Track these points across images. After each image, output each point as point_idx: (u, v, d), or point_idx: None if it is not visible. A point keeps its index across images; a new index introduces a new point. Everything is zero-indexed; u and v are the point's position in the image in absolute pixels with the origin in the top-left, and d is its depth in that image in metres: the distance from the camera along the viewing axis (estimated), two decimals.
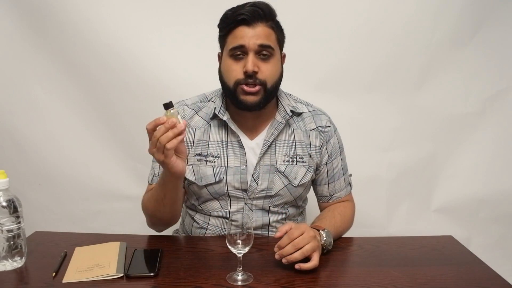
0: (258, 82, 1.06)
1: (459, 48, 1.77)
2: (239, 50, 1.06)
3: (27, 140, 1.82)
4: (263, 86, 1.07)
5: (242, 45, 1.05)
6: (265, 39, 1.06)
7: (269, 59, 1.08)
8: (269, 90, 1.09)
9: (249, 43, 1.05)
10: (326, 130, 1.21)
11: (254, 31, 1.05)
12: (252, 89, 1.06)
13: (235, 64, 1.07)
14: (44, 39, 1.72)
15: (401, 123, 1.83)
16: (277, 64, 1.10)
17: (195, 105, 1.20)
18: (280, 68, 1.13)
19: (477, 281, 0.94)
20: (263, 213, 1.20)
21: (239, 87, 1.07)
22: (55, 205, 1.88)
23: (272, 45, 1.07)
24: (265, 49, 1.06)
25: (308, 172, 1.19)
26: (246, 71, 1.05)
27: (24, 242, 0.98)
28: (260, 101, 1.08)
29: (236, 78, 1.07)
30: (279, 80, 1.12)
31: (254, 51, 1.05)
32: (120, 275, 0.92)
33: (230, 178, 1.15)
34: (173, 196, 1.08)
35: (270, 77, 1.08)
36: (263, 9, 1.06)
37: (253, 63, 1.05)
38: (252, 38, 1.05)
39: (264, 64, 1.07)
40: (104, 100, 1.78)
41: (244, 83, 1.06)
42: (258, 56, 1.07)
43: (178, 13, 1.71)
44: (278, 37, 1.11)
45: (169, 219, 1.15)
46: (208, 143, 1.16)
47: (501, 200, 1.87)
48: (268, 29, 1.07)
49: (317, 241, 0.97)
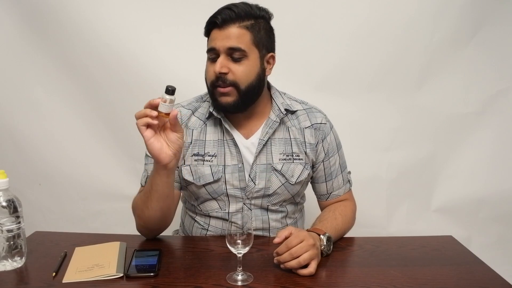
0: (229, 83, 1.08)
1: (459, 48, 1.77)
2: (213, 52, 1.09)
3: (27, 140, 1.82)
4: (235, 87, 1.08)
5: (213, 47, 1.08)
6: (235, 41, 1.06)
7: (241, 60, 1.08)
8: (243, 91, 1.09)
9: (219, 46, 1.07)
10: (322, 128, 1.21)
11: (224, 33, 1.06)
12: (223, 90, 1.08)
13: (210, 66, 1.10)
14: (44, 39, 1.73)
15: (401, 123, 1.83)
16: (251, 65, 1.09)
17: (191, 105, 1.21)
18: (257, 69, 1.11)
19: (477, 281, 0.94)
20: (262, 212, 1.20)
21: (215, 89, 1.10)
22: (55, 205, 1.88)
23: (243, 47, 1.07)
24: (235, 51, 1.07)
25: (305, 169, 1.19)
26: (214, 72, 1.08)
27: (24, 242, 0.98)
28: (235, 102, 1.09)
29: (210, 79, 1.11)
30: (256, 80, 1.10)
31: (224, 53, 1.07)
32: (120, 275, 0.92)
33: (228, 176, 1.15)
34: (161, 190, 1.03)
35: (242, 78, 1.08)
36: (236, 10, 1.06)
37: (221, 65, 1.07)
38: (222, 41, 1.06)
39: (235, 65, 1.08)
40: (104, 100, 1.78)
41: (216, 84, 1.09)
42: (230, 57, 1.08)
43: (178, 13, 1.71)
44: (256, 37, 1.09)
45: (158, 220, 1.09)
46: (204, 143, 1.16)
47: (501, 200, 1.87)
48: (240, 30, 1.07)
49: (316, 248, 0.96)
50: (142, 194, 1.10)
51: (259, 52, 1.11)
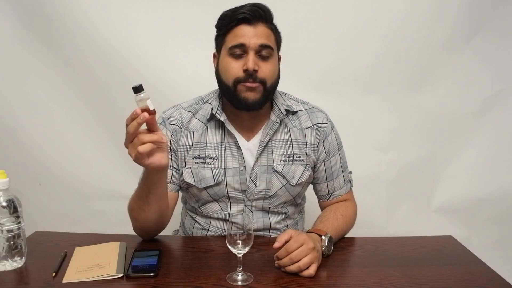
0: (258, 80, 1.07)
1: (459, 49, 1.77)
2: (239, 48, 1.06)
3: (27, 140, 1.82)
4: (263, 85, 1.08)
5: (243, 43, 1.05)
6: (265, 39, 1.07)
7: (268, 59, 1.08)
8: (268, 90, 1.09)
9: (250, 42, 1.05)
10: (323, 128, 1.21)
11: (255, 30, 1.06)
12: (253, 84, 1.06)
13: (235, 62, 1.07)
14: (45, 39, 1.73)
15: (401, 123, 1.83)
16: (275, 64, 1.11)
17: (191, 107, 1.20)
18: (278, 69, 1.13)
19: (477, 281, 0.94)
20: (263, 214, 1.20)
21: (239, 85, 1.07)
22: (55, 205, 1.88)
23: (272, 46, 1.08)
24: (265, 49, 1.06)
25: (306, 170, 1.19)
26: (247, 69, 1.05)
27: (24, 242, 0.98)
28: (260, 99, 1.08)
29: (235, 76, 1.07)
30: (277, 80, 1.13)
31: (254, 50, 1.06)
32: (120, 275, 0.92)
33: (229, 180, 1.15)
34: (158, 193, 1.01)
35: (269, 76, 1.08)
36: (263, 9, 1.07)
37: (254, 62, 1.05)
38: (253, 38, 1.05)
39: (264, 63, 1.07)
40: (105, 100, 1.78)
41: (244, 81, 1.06)
42: (258, 55, 1.07)
43: (181, 14, 1.71)
44: (277, 39, 1.12)
45: (155, 222, 1.07)
46: (205, 145, 1.16)
47: (501, 200, 1.87)
48: (268, 29, 1.09)
49: (316, 251, 0.95)
50: (136, 199, 1.05)
51: (278, 53, 1.14)
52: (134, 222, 1.10)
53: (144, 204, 1.03)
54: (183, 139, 1.16)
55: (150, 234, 1.13)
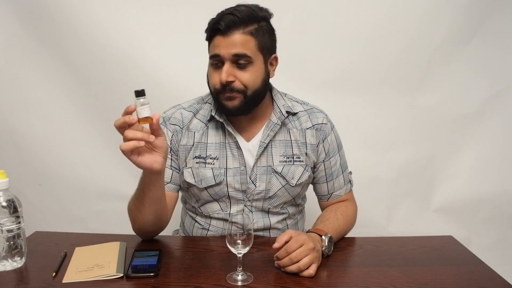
0: (236, 90, 1.06)
1: (459, 48, 1.76)
2: (216, 59, 1.06)
3: (27, 140, 1.82)
4: (242, 93, 1.07)
5: (218, 54, 1.05)
6: (240, 48, 1.04)
7: (247, 67, 1.06)
8: (250, 97, 1.08)
9: (224, 53, 1.04)
10: (323, 128, 1.21)
11: (228, 40, 1.04)
12: (230, 94, 1.07)
13: (214, 73, 1.08)
14: (44, 40, 1.73)
15: (401, 123, 1.83)
16: (257, 70, 1.08)
17: (192, 107, 1.20)
18: (263, 74, 1.10)
19: (477, 281, 0.94)
20: (263, 214, 1.20)
21: (219, 95, 1.08)
22: (55, 205, 1.88)
23: (249, 53, 1.05)
24: (241, 58, 1.05)
25: (305, 171, 1.19)
26: (220, 81, 1.05)
27: (24, 242, 0.98)
28: (241, 106, 1.08)
29: (214, 87, 1.09)
30: (262, 85, 1.10)
31: (229, 60, 1.05)
32: (120, 275, 0.92)
33: (230, 180, 1.15)
34: (152, 196, 1.00)
35: (249, 85, 1.07)
36: (240, 16, 1.04)
37: (227, 73, 1.04)
38: (227, 48, 1.04)
39: (241, 72, 1.06)
40: (104, 100, 1.78)
41: (222, 92, 1.07)
42: (235, 64, 1.06)
43: (177, 15, 1.70)
44: (260, 42, 1.07)
45: (152, 224, 1.07)
46: (206, 145, 1.16)
47: (501, 200, 1.87)
48: (245, 36, 1.05)
49: (316, 251, 0.95)
50: (134, 199, 1.06)
51: (264, 57, 1.10)
52: (132, 223, 1.11)
53: (140, 205, 1.03)
54: (184, 139, 1.16)
55: (148, 234, 1.13)
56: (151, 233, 1.13)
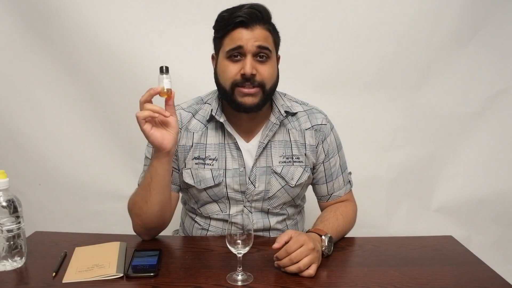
0: (256, 84, 1.06)
1: (459, 48, 1.77)
2: (237, 51, 1.05)
3: (27, 140, 1.82)
4: (262, 88, 1.07)
5: (240, 46, 1.04)
6: (263, 41, 1.06)
7: (267, 61, 1.07)
8: (267, 92, 1.09)
9: (247, 45, 1.04)
10: (322, 129, 1.21)
11: (252, 33, 1.05)
12: (250, 90, 1.06)
13: (232, 66, 1.06)
14: (44, 39, 1.73)
15: (401, 123, 1.83)
16: (274, 66, 1.10)
17: (191, 108, 1.19)
18: (277, 70, 1.13)
19: (477, 281, 0.94)
20: (262, 215, 1.20)
21: (237, 89, 1.07)
22: (55, 205, 1.88)
23: (270, 47, 1.07)
24: (263, 51, 1.05)
25: (305, 172, 1.19)
26: (245, 74, 1.04)
27: (24, 242, 0.98)
28: (259, 103, 1.08)
29: (233, 79, 1.06)
30: (276, 81, 1.12)
31: (252, 53, 1.05)
32: (120, 275, 0.92)
33: (229, 181, 1.15)
34: (160, 180, 1.03)
35: (268, 79, 1.08)
36: (260, 11, 1.05)
37: (251, 66, 1.04)
38: (251, 40, 1.04)
39: (262, 66, 1.07)
40: (104, 100, 1.78)
41: (241, 85, 1.06)
42: (256, 58, 1.06)
43: (180, 13, 1.71)
44: (275, 40, 1.11)
45: (157, 216, 1.07)
46: (205, 146, 1.15)
47: (501, 200, 1.88)
48: (265, 31, 1.07)
49: (316, 252, 0.95)
50: (139, 190, 1.08)
51: (276, 54, 1.13)
52: (135, 219, 1.10)
53: (146, 194, 1.04)
54: (183, 139, 1.16)
55: (150, 232, 1.13)
56: (154, 230, 1.13)
